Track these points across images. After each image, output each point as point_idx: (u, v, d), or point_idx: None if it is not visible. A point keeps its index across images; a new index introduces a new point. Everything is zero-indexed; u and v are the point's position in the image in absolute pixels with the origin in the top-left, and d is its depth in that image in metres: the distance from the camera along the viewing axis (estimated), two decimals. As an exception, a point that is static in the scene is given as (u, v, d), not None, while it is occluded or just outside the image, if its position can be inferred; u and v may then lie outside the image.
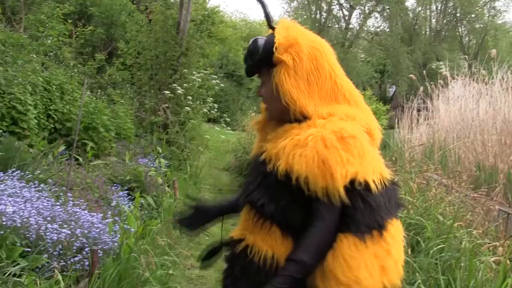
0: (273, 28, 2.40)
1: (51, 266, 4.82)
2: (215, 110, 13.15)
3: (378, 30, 41.16)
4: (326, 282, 2.16)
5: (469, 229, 5.64)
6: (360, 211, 2.17)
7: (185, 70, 12.51)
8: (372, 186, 2.18)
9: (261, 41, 2.39)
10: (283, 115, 2.39)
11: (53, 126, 9.49)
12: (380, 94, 39.76)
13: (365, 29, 41.24)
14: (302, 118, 2.32)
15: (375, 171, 2.22)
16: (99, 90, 12.85)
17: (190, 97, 12.07)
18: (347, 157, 2.15)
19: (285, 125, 2.36)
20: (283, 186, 2.22)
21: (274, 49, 2.32)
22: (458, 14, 39.33)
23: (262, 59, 2.37)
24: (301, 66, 2.31)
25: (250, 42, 2.44)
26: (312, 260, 2.17)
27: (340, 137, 2.17)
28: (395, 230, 2.26)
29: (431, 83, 11.66)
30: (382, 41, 39.61)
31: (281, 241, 2.28)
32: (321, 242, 2.18)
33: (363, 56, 42.96)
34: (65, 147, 8.90)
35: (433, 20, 41.31)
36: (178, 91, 11.81)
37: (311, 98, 2.31)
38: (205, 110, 12.69)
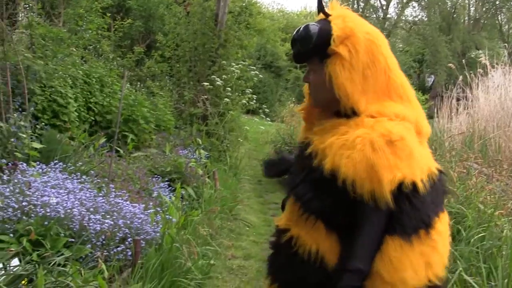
0: (326, 15, 2.34)
1: (95, 256, 4.88)
2: (254, 101, 13.12)
3: (416, 19, 40.77)
4: (372, 283, 2.14)
5: (510, 218, 5.56)
6: (407, 214, 2.13)
7: (223, 62, 12.51)
8: (420, 186, 2.13)
9: (314, 28, 2.30)
10: (329, 105, 2.36)
11: (93, 118, 9.59)
12: (418, 84, 39.27)
13: (403, 18, 40.88)
14: (351, 112, 2.27)
15: (423, 169, 2.17)
16: (138, 83, 12.93)
17: (229, 89, 12.07)
18: (395, 161, 2.10)
19: (333, 120, 2.32)
20: (328, 184, 2.17)
21: (331, 40, 2.25)
22: (497, 2, 38.70)
23: (315, 48, 2.29)
24: (357, 59, 2.24)
25: (301, 28, 2.35)
26: (367, 266, 2.14)
27: (388, 141, 2.12)
28: (442, 225, 2.23)
29: (470, 72, 11.47)
30: (420, 31, 39.20)
31: (325, 237, 2.25)
32: (371, 246, 2.15)
33: (401, 46, 42.53)
34: (105, 139, 8.99)
35: (472, 8, 40.74)
36: (217, 83, 11.82)
37: (364, 94, 2.26)
38: (244, 101, 12.69)
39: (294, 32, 2.39)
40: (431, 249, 2.16)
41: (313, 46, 2.29)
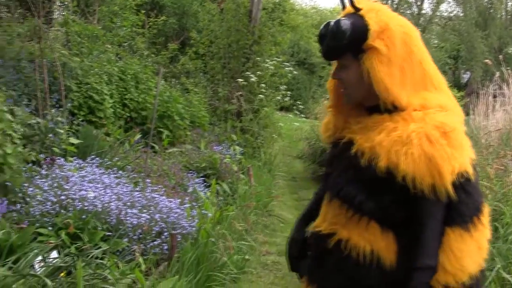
0: (356, 9, 2.28)
1: (131, 250, 4.93)
2: (288, 98, 13.11)
3: (452, 15, 40.21)
4: (435, 275, 2.15)
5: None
6: (464, 203, 2.14)
7: (258, 58, 12.52)
8: (471, 174, 2.15)
9: (346, 23, 2.23)
10: (365, 101, 2.34)
11: (128, 115, 9.67)
12: (454, 80, 38.76)
13: (438, 14, 40.37)
14: (392, 107, 2.24)
15: (471, 157, 2.19)
16: (173, 79, 13.00)
17: (263, 85, 12.08)
18: (452, 152, 2.10)
19: (374, 116, 2.29)
20: (383, 182, 2.15)
21: (367, 35, 2.21)
22: (535, -4, 38.09)
23: (349, 43, 2.23)
24: (394, 53, 2.21)
25: (332, 24, 2.27)
26: (435, 261, 2.14)
27: (443, 133, 2.11)
28: (486, 209, 2.26)
29: (507, 68, 11.29)
30: (455, 26, 38.67)
31: (380, 236, 2.23)
32: (436, 241, 2.15)
33: (436, 42, 42.01)
34: (140, 135, 9.07)
35: (509, 3, 40.06)
36: (252, 79, 11.84)
37: (404, 87, 2.22)
38: (278, 97, 12.68)
39: (322, 28, 2.33)
40: (481, 234, 2.20)
41: (347, 42, 2.23)
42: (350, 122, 2.39)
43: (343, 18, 2.27)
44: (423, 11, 40.34)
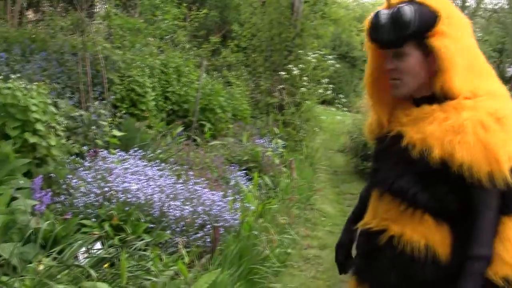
0: None
1: (174, 242, 4.94)
2: (330, 91, 13.02)
3: (496, 7, 39.55)
4: (492, 265, 2.12)
5: None
6: None
7: (300, 51, 12.46)
8: None
9: (409, 11, 2.17)
10: (416, 93, 2.31)
11: (170, 107, 9.72)
12: (498, 74, 38.00)
13: (482, 6, 39.75)
14: (441, 96, 2.22)
15: None
16: (215, 72, 13.00)
17: (305, 78, 12.01)
18: (506, 138, 2.08)
19: (423, 107, 2.26)
20: (437, 173, 2.14)
21: (436, 21, 2.18)
22: None
23: (416, 31, 2.19)
24: (458, 39, 2.20)
25: (393, 13, 2.21)
26: (490, 251, 2.11)
27: (496, 119, 2.09)
28: None
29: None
30: (500, 19, 38.01)
31: (435, 229, 2.20)
32: (492, 230, 2.12)
33: (480, 34, 41.35)
34: (182, 128, 9.09)
35: (556, -5, 39.26)
36: (294, 72, 11.78)
37: (460, 74, 2.20)
38: (320, 91, 12.60)
39: (376, 18, 2.26)
40: None
41: (414, 29, 2.19)
42: (396, 116, 2.36)
43: (402, 5, 2.21)
44: (467, 4, 39.76)
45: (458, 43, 2.19)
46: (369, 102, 2.49)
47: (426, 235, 2.20)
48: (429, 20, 2.18)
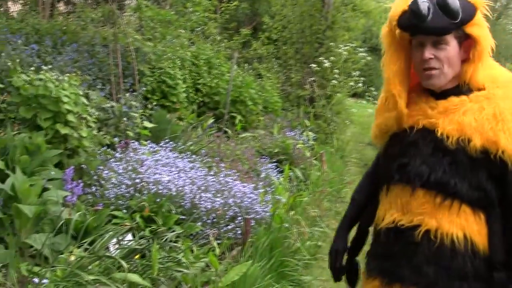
0: None
1: (205, 234, 4.93)
2: (361, 83, 12.93)
3: (529, -1, 39.04)
4: None
5: None
6: None
7: (331, 44, 12.38)
8: None
9: (455, 1, 2.17)
10: (448, 83, 2.28)
11: (201, 99, 9.72)
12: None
13: (516, -1, 39.27)
14: (465, 88, 2.25)
15: None
16: (245, 65, 12.97)
17: (336, 70, 11.94)
18: None
19: (452, 99, 2.25)
20: (476, 162, 2.14)
21: (475, 12, 2.21)
22: None
23: (461, 20, 2.18)
24: (487, 29, 2.24)
25: (440, 1, 2.18)
26: None
27: None
28: None
29: None
30: (533, 11, 37.55)
31: (473, 220, 2.18)
32: None
33: None
34: (213, 120, 9.08)
35: None
36: (325, 64, 11.72)
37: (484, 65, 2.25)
38: (351, 83, 12.51)
39: (415, 5, 2.19)
40: None
41: (462, 18, 2.18)
42: (418, 109, 2.33)
43: None
44: (500, -4, 39.28)
45: (488, 33, 2.24)
46: (391, 95, 2.37)
47: (464, 226, 2.17)
48: (471, 10, 2.19)
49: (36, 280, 3.49)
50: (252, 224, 5.35)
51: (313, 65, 11.90)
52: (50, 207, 4.40)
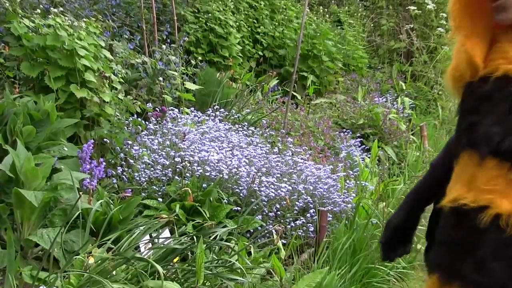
0: None
1: (267, 231, 4.90)
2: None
3: None
4: None
5: None
6: None
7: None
8: None
9: None
10: None
11: (261, 54, 9.69)
12: None
13: None
14: None
15: None
16: (320, 7, 12.91)
17: (443, 14, 11.77)
18: None
19: None
20: None
21: None
22: None
23: None
24: None
25: None
26: None
27: None
28: None
29: None
30: None
31: None
32: None
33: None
34: (277, 81, 9.04)
35: None
36: (428, 6, 11.56)
37: None
38: (462, 33, 12.31)
39: None
40: None
41: None
42: (500, 51, 2.24)
43: None
44: None
45: None
46: (459, 34, 2.35)
47: None
48: None
49: (43, 288, 3.51)
50: (329, 219, 5.32)
51: (412, 8, 11.75)
52: (62, 194, 4.40)
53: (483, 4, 2.26)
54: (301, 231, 5.16)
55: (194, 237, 4.33)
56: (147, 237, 4.32)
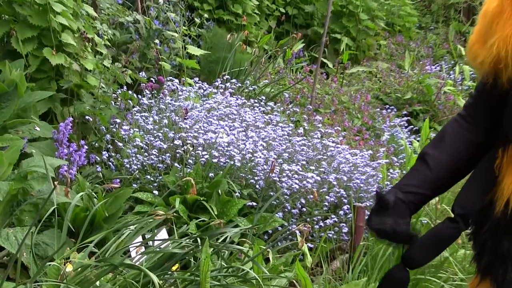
0: None
1: (289, 231, 4.90)
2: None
3: None
4: None
5: None
6: None
7: None
8: None
9: None
10: None
11: (282, 10, 9.68)
12: None
13: None
14: None
15: None
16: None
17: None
18: None
19: None
20: None
21: None
22: None
23: None
24: None
25: None
26: None
27: None
28: None
29: None
30: None
31: None
32: None
33: None
34: (303, 45, 9.03)
35: None
36: None
37: None
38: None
39: None
40: None
41: None
42: None
43: None
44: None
45: None
46: None
47: None
48: None
49: (9, 303, 3.53)
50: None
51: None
52: (32, 185, 4.41)
53: None
54: (332, 232, 5.18)
55: (198, 239, 4.33)
56: (139, 239, 4.32)
